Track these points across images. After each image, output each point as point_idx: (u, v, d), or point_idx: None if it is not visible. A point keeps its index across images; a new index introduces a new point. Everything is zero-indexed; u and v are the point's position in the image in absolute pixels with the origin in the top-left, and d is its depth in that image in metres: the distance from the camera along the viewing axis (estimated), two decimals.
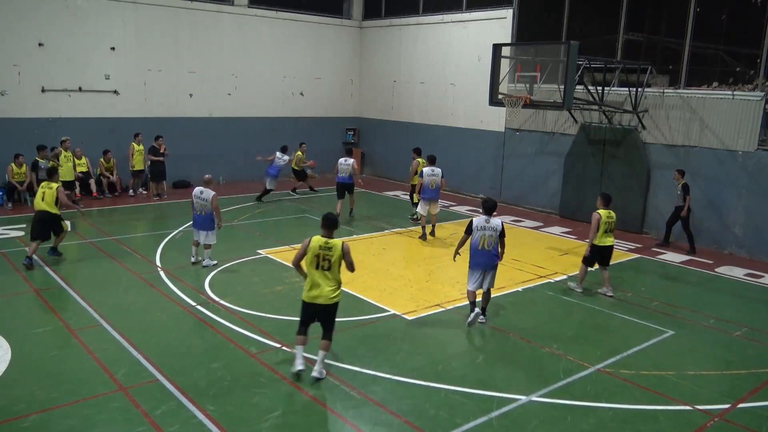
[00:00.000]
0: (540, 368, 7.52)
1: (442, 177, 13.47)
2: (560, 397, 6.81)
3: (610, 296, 10.09)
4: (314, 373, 6.91)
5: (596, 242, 9.98)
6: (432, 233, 13.70)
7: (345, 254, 6.79)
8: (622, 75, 14.94)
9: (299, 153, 17.92)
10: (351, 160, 15.11)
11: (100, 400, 6.35)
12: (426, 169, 13.42)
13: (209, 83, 19.26)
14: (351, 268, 6.94)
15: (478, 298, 8.76)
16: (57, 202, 10.65)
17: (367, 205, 17.37)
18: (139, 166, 17.05)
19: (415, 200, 14.30)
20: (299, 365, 6.86)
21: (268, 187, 17.19)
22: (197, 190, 10.72)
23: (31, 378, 6.81)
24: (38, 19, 16.07)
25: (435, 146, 19.95)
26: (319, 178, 21.56)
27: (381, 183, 21.23)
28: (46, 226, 10.70)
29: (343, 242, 6.82)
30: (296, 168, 18.01)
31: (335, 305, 6.93)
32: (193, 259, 11.11)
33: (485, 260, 8.44)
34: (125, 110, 17.74)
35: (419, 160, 14.71)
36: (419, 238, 13.54)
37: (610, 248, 10.07)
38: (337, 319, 8.64)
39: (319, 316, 6.96)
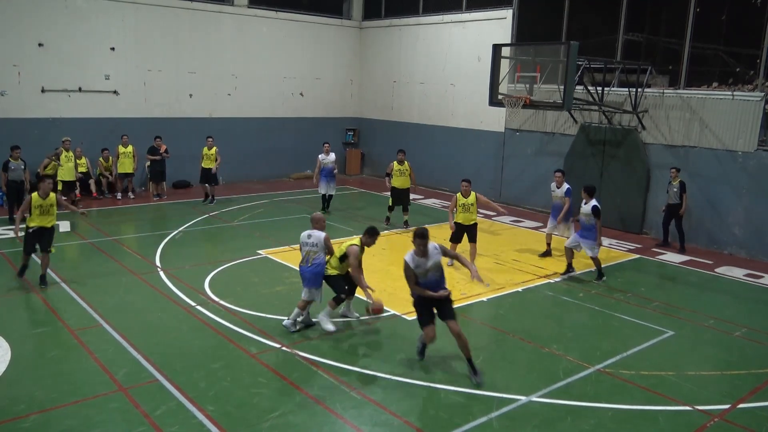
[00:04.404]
0: (540, 368, 7.52)
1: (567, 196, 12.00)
2: (560, 397, 6.81)
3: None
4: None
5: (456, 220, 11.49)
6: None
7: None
8: (622, 75, 14.94)
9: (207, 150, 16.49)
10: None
11: (100, 400, 6.35)
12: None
13: (209, 83, 19.26)
14: None
15: None
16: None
17: (367, 205, 17.38)
18: (124, 169, 16.67)
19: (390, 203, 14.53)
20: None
21: (323, 192, 15.94)
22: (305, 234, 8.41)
23: (31, 378, 6.82)
24: (38, 19, 16.07)
25: (435, 146, 20.05)
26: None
27: (381, 183, 21.19)
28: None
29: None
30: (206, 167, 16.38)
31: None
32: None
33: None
34: (125, 110, 17.74)
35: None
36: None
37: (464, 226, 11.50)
38: (337, 319, 8.73)
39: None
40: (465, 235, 11.46)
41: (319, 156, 15.87)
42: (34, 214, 9.52)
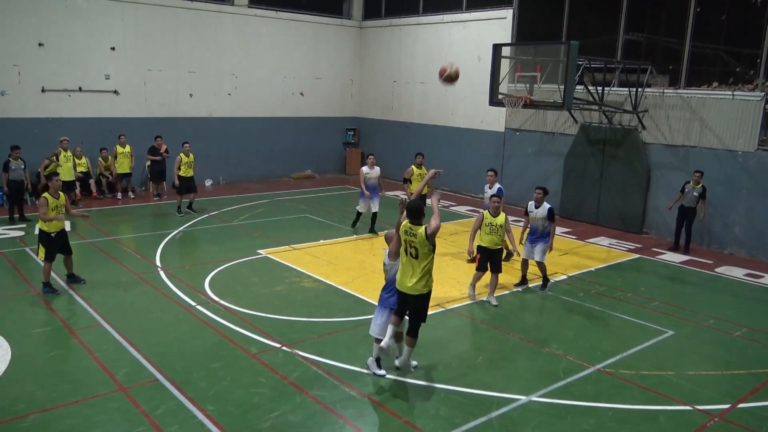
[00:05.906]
0: (540, 368, 7.52)
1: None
2: (560, 397, 6.81)
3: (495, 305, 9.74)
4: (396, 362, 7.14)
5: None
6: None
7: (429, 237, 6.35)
8: (622, 75, 14.93)
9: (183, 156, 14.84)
10: None
11: (100, 400, 6.35)
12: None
13: (209, 83, 19.26)
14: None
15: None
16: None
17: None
18: (122, 169, 16.79)
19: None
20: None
21: (362, 211, 14.18)
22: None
23: (31, 378, 6.81)
24: (38, 19, 16.07)
25: (435, 146, 20.03)
26: (319, 178, 21.62)
27: (381, 183, 21.20)
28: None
29: (426, 227, 6.33)
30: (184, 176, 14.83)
31: (419, 296, 6.58)
32: None
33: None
34: (125, 110, 17.73)
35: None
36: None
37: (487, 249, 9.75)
38: (337, 319, 8.73)
39: (408, 306, 6.72)
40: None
41: (363, 169, 14.00)
42: (51, 216, 9.15)
